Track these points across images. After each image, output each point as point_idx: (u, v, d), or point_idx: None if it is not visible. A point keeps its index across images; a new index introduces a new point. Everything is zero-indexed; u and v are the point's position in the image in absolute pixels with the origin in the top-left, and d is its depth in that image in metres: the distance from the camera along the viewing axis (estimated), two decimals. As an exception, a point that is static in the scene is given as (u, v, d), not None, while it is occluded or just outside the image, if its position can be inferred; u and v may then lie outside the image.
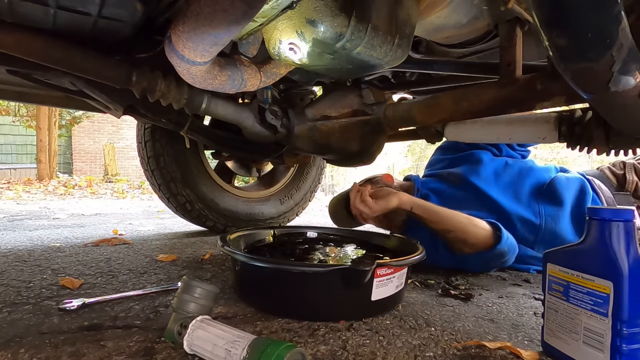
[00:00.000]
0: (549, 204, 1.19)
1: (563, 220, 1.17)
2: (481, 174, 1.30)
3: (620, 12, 0.43)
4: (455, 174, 1.36)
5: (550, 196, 1.20)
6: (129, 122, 9.21)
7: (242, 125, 1.14)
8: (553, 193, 1.20)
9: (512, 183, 1.26)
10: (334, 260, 0.99)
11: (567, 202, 1.19)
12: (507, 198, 1.22)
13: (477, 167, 1.32)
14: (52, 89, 1.04)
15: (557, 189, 1.20)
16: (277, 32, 0.71)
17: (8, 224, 2.04)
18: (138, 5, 0.69)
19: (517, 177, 1.27)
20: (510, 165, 1.31)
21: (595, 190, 1.23)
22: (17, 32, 0.73)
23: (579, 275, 0.57)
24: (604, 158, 2.50)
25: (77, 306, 0.76)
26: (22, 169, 7.59)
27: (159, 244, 1.51)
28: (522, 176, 1.27)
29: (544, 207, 1.19)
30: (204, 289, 0.62)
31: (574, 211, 1.19)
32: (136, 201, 4.23)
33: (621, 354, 0.52)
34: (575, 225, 1.18)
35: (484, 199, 1.24)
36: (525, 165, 1.31)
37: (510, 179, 1.28)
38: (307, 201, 2.07)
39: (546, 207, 1.19)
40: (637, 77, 0.50)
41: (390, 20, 0.72)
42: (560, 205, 1.18)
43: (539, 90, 0.72)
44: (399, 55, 0.78)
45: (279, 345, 0.50)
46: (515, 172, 1.29)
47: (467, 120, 1.14)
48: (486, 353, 0.63)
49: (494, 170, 1.31)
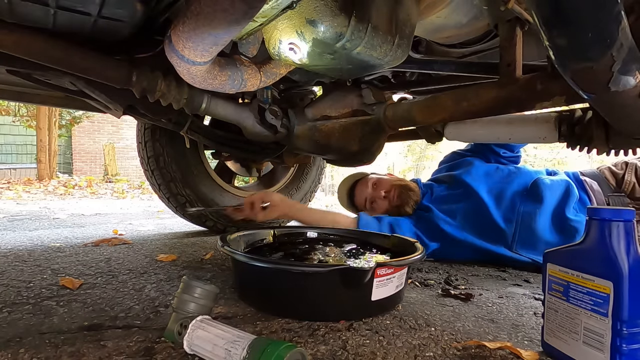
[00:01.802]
0: (529, 202, 1.23)
1: (541, 218, 1.20)
2: (472, 173, 1.39)
3: (620, 12, 0.43)
4: (449, 175, 1.48)
5: (531, 195, 1.25)
6: (129, 122, 9.21)
7: (242, 125, 1.14)
8: (534, 192, 1.25)
9: (500, 182, 1.33)
10: (334, 260, 0.99)
11: (548, 201, 1.22)
12: (490, 196, 1.30)
13: (470, 168, 1.42)
14: (52, 89, 1.04)
15: (539, 188, 1.25)
16: (277, 32, 0.71)
17: (8, 224, 2.04)
18: (138, 5, 0.69)
19: (506, 178, 1.35)
20: (501, 169, 1.40)
21: (586, 190, 1.26)
22: (17, 32, 0.73)
23: (579, 275, 0.57)
24: (604, 158, 2.50)
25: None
26: (22, 169, 7.59)
27: (159, 244, 1.51)
28: (511, 178, 1.34)
29: (524, 205, 1.23)
30: (204, 289, 0.62)
31: (555, 211, 1.21)
32: (136, 201, 4.23)
33: (621, 354, 0.52)
34: (555, 225, 1.20)
35: (470, 193, 1.32)
36: (514, 169, 1.40)
37: (499, 179, 1.35)
38: (307, 201, 2.07)
39: (525, 205, 1.23)
40: (637, 77, 0.50)
41: (390, 20, 0.72)
42: (539, 203, 1.22)
43: (539, 90, 0.72)
44: (399, 55, 0.78)
45: (279, 345, 0.50)
46: (505, 174, 1.37)
47: (467, 120, 1.14)
48: (486, 353, 0.63)
49: (485, 171, 1.39)
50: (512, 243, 1.22)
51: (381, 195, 1.45)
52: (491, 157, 1.51)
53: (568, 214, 1.19)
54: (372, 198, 1.47)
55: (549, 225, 1.20)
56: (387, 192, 1.44)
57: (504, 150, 1.50)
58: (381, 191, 1.45)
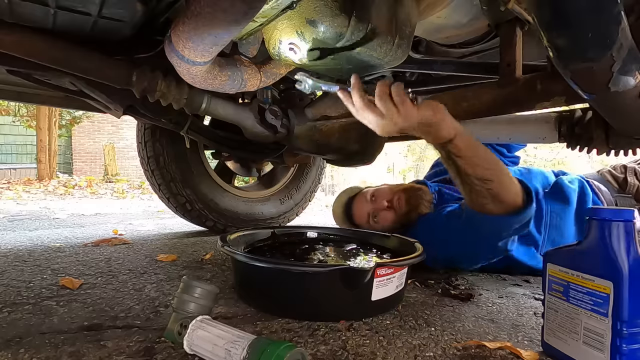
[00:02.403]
0: (555, 202, 1.19)
1: (568, 219, 1.17)
2: None
3: (620, 12, 0.43)
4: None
5: (557, 195, 1.20)
6: (129, 122, 9.20)
7: (242, 125, 1.14)
8: (559, 192, 1.20)
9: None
10: (334, 260, 0.99)
11: (573, 201, 1.19)
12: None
13: None
14: (53, 89, 1.04)
15: (564, 188, 1.20)
16: (277, 32, 0.71)
17: (8, 224, 2.04)
18: (138, 5, 0.69)
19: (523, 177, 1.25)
20: (513, 170, 1.32)
21: (595, 191, 1.24)
22: (17, 32, 0.73)
23: (579, 275, 0.57)
24: (604, 158, 2.50)
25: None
26: (22, 169, 7.59)
27: (159, 244, 1.51)
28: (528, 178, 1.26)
29: (551, 205, 1.18)
30: (204, 289, 0.62)
31: (576, 211, 1.19)
32: (136, 201, 4.23)
33: (621, 354, 0.52)
34: (578, 224, 1.18)
35: None
36: (525, 170, 1.33)
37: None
38: (307, 201, 2.07)
39: (552, 205, 1.18)
40: (637, 77, 0.50)
41: (390, 20, 0.72)
42: (567, 204, 1.18)
43: (539, 90, 0.73)
44: (399, 55, 0.78)
45: (279, 345, 0.50)
46: (519, 175, 1.28)
47: (468, 121, 1.14)
48: (486, 353, 0.63)
49: None
50: (543, 244, 1.16)
51: (384, 206, 1.26)
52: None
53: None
54: (375, 212, 1.27)
55: (575, 225, 1.18)
56: (390, 201, 1.26)
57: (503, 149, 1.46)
58: (383, 201, 1.26)
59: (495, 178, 0.86)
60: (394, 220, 1.25)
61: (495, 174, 0.86)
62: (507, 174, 0.89)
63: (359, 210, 1.32)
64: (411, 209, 1.23)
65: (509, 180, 0.89)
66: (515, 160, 1.50)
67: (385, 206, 1.26)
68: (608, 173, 1.33)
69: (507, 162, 1.45)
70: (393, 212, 1.25)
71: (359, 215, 1.32)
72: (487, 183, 0.86)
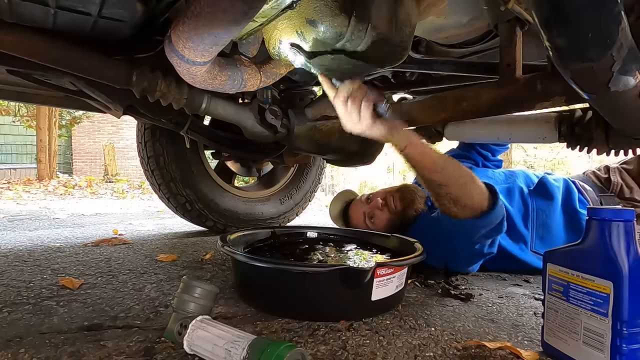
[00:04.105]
0: (540, 199, 1.23)
1: (554, 215, 1.20)
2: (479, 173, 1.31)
3: (620, 12, 0.43)
4: None
5: (541, 192, 1.24)
6: (129, 122, 9.20)
7: (242, 125, 1.14)
8: (544, 189, 1.24)
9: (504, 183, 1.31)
10: (334, 260, 0.99)
11: (557, 197, 1.23)
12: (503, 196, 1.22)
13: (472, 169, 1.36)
14: (53, 89, 1.04)
15: (547, 185, 1.24)
16: (277, 32, 0.71)
17: (8, 224, 2.04)
18: (138, 5, 0.69)
19: (508, 178, 1.32)
20: (497, 172, 1.38)
21: (580, 190, 1.28)
22: (17, 32, 0.73)
23: (579, 275, 0.57)
24: (604, 158, 2.50)
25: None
26: (22, 169, 7.59)
27: (159, 244, 1.51)
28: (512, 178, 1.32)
29: (536, 201, 1.22)
30: (204, 289, 0.62)
31: (564, 206, 1.23)
32: (136, 201, 4.22)
33: (621, 354, 0.52)
34: (567, 220, 1.21)
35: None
36: (508, 172, 1.37)
37: (503, 179, 1.32)
38: (307, 201, 2.07)
39: (538, 201, 1.22)
40: (637, 77, 0.50)
41: (390, 20, 0.72)
42: (551, 200, 1.22)
43: (539, 90, 0.72)
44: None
45: (279, 345, 0.50)
46: (505, 175, 1.34)
47: (468, 120, 1.14)
48: (486, 353, 0.63)
49: (484, 174, 1.35)
50: (531, 241, 1.20)
51: (379, 204, 1.27)
52: (479, 160, 1.49)
53: (577, 207, 1.21)
54: (371, 212, 1.29)
55: (562, 221, 1.21)
56: (384, 199, 1.29)
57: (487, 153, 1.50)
58: (377, 199, 1.29)
59: (450, 182, 0.92)
60: (390, 219, 1.26)
61: (448, 179, 0.92)
62: (469, 180, 0.93)
63: (355, 212, 1.34)
64: (406, 206, 1.25)
65: (471, 185, 0.93)
66: (498, 164, 1.54)
67: (380, 204, 1.27)
68: (592, 174, 1.38)
69: (491, 165, 1.50)
70: (387, 211, 1.27)
71: (356, 216, 1.34)
72: (442, 187, 0.93)
